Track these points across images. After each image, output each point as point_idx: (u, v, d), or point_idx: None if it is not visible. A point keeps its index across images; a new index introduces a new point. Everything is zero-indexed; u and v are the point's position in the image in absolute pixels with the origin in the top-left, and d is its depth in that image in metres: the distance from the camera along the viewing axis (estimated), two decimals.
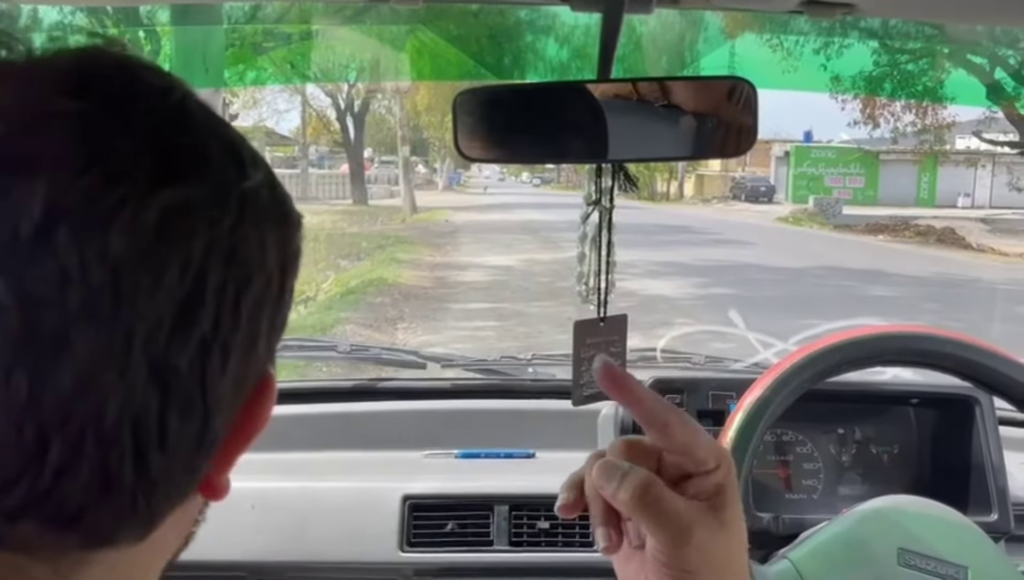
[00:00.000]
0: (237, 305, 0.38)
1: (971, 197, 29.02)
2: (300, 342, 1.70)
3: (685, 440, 0.58)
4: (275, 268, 0.42)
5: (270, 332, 0.42)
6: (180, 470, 0.39)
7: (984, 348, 1.04)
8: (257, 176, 0.41)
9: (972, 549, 1.02)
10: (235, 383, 0.40)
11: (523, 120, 0.95)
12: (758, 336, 1.73)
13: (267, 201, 0.42)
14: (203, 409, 0.38)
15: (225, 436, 0.42)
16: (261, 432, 0.45)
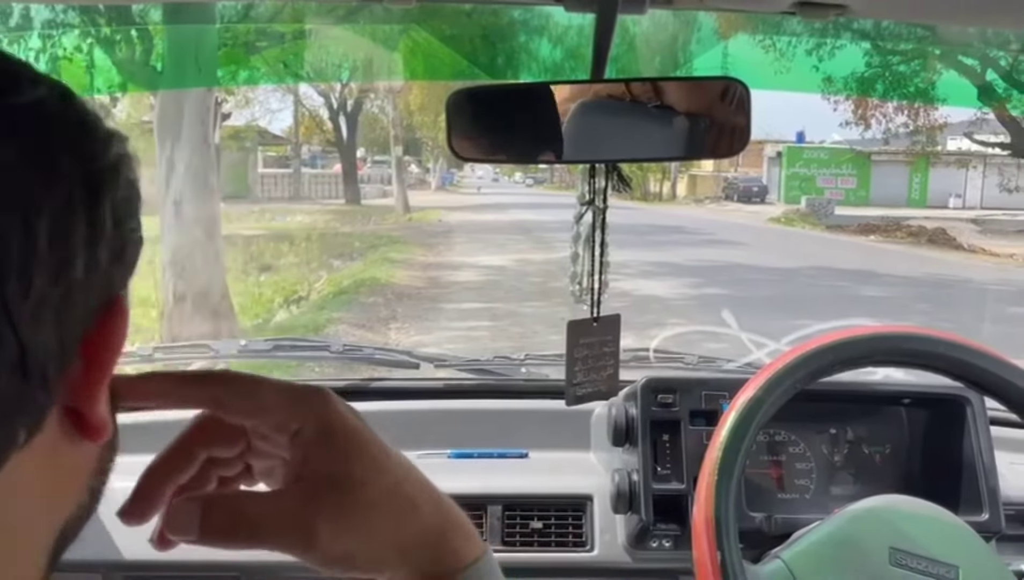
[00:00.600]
0: (27, 224, 0.37)
1: (962, 198, 29.13)
2: (293, 342, 1.69)
3: (247, 409, 0.53)
4: (76, 184, 0.40)
5: (90, 253, 0.40)
6: (8, 398, 0.38)
7: (975, 348, 1.05)
8: (39, 91, 0.40)
9: (963, 548, 1.02)
10: (54, 308, 0.39)
11: (516, 120, 0.95)
12: (751, 336, 1.73)
13: (52, 115, 0.40)
14: (12, 335, 0.37)
15: (75, 365, 0.41)
16: (117, 358, 0.43)
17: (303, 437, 0.52)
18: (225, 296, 7.42)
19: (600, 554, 1.37)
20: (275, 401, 0.52)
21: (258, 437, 0.54)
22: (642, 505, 1.29)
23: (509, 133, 0.95)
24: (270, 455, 0.55)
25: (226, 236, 9.48)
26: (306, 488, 0.51)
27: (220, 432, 0.55)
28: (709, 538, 0.97)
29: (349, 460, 0.52)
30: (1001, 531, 1.25)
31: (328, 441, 0.52)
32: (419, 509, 0.54)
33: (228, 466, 0.57)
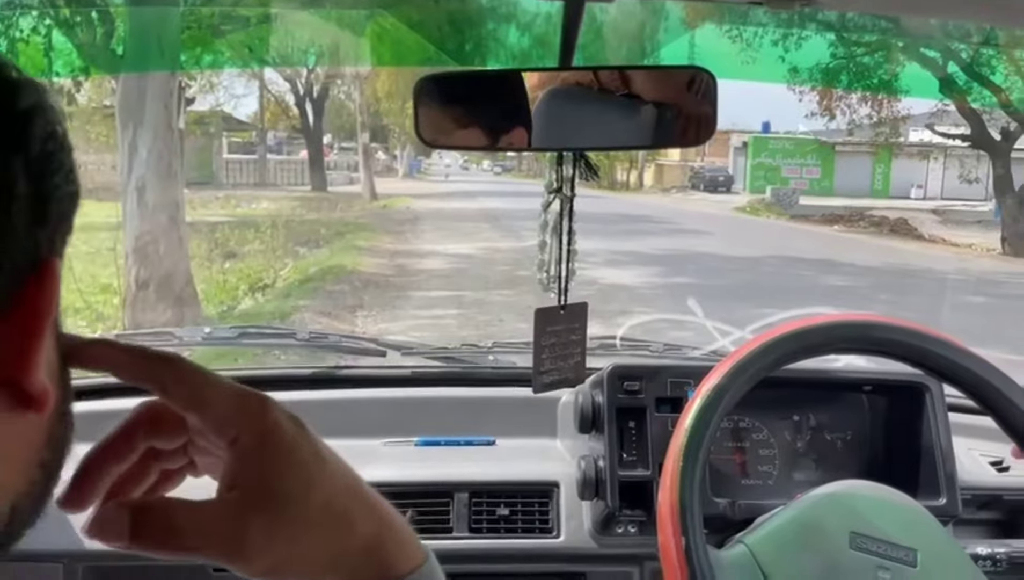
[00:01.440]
0: None
1: (924, 189, 29.54)
2: (258, 330, 1.68)
3: (190, 400, 0.51)
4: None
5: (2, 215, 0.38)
6: None
7: (934, 337, 1.07)
8: None
9: (922, 532, 1.04)
10: None
11: (484, 107, 0.95)
12: (716, 324, 1.75)
13: None
14: None
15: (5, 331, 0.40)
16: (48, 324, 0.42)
17: (240, 445, 0.51)
18: (189, 283, 7.34)
19: (566, 540, 1.38)
20: (218, 400, 0.52)
21: (197, 433, 0.54)
22: (608, 491, 1.30)
23: (477, 120, 0.94)
24: (212, 452, 0.54)
25: (190, 222, 9.37)
26: (239, 498, 0.50)
27: (162, 422, 0.54)
28: (674, 524, 0.98)
29: (284, 475, 0.51)
30: (958, 515, 1.28)
31: (264, 452, 0.51)
32: (354, 522, 0.53)
33: (171, 459, 0.56)
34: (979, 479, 1.46)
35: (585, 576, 1.41)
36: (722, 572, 0.98)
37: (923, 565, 1.01)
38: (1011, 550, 1.35)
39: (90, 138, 12.80)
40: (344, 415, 1.59)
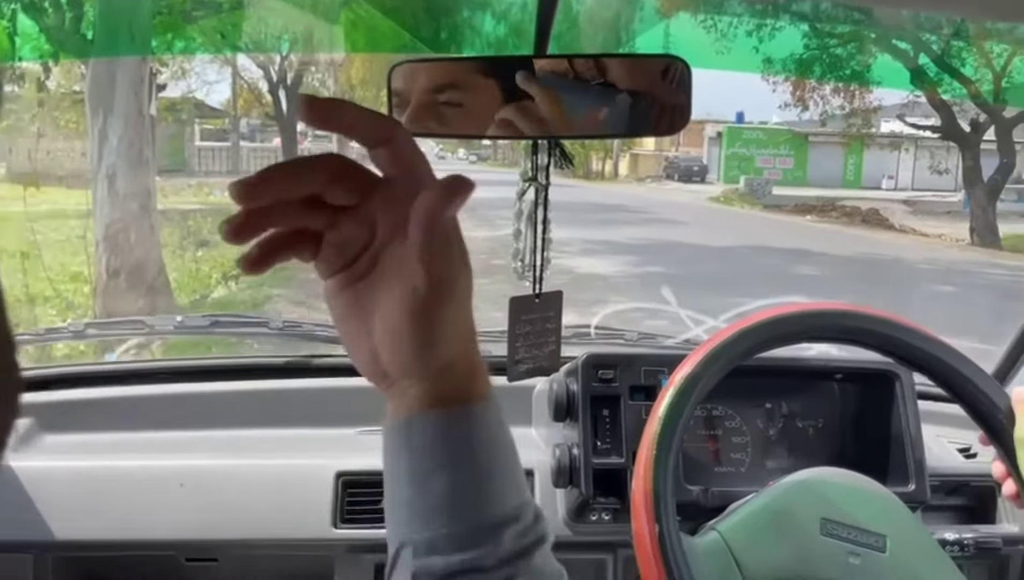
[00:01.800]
0: None
1: (895, 179, 29.83)
2: (231, 318, 1.67)
3: (406, 165, 0.53)
4: None
5: None
6: None
7: (905, 325, 1.08)
8: None
9: (891, 518, 1.06)
10: None
11: (459, 94, 0.94)
12: (689, 313, 1.76)
13: None
14: None
15: None
16: None
17: (434, 225, 0.52)
18: (161, 271, 7.26)
19: None
20: (427, 171, 0.53)
21: (386, 202, 0.54)
22: (582, 479, 1.30)
23: (451, 108, 0.94)
24: (351, 237, 0.54)
25: (162, 210, 9.25)
26: (425, 281, 0.52)
27: (345, 176, 0.53)
28: (648, 512, 0.98)
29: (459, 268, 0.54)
30: (927, 501, 1.30)
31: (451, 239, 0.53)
32: (472, 330, 0.56)
33: (317, 218, 0.54)
34: (947, 466, 1.48)
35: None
36: (695, 559, 0.98)
37: (892, 551, 1.02)
38: (978, 535, 1.38)
39: (60, 125, 12.60)
40: (319, 404, 1.59)
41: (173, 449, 1.46)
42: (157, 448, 1.46)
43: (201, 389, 1.59)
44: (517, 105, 0.93)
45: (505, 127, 0.92)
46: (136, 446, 1.47)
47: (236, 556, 1.39)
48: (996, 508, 1.49)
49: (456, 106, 0.93)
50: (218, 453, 1.43)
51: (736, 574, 1.00)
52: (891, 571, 1.02)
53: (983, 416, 1.04)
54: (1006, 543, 1.43)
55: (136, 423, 1.53)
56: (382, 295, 0.54)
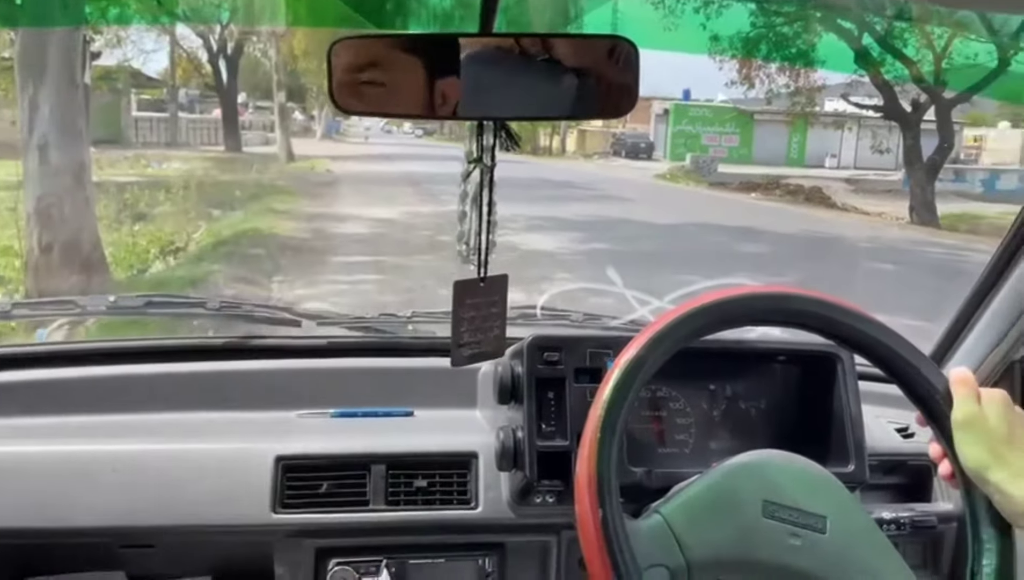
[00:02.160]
0: None
1: (837, 158, 30.34)
2: (166, 299, 1.61)
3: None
4: None
5: None
6: None
7: (846, 308, 1.08)
8: None
9: (831, 500, 1.07)
10: None
11: (401, 72, 0.92)
12: (635, 294, 1.75)
13: None
14: None
15: None
16: None
17: None
18: (96, 246, 7.07)
19: (484, 511, 1.38)
20: None
21: None
22: (527, 462, 1.29)
23: (393, 86, 0.91)
24: None
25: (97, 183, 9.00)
26: None
27: None
28: (591, 495, 0.97)
29: None
30: (866, 481, 1.32)
31: None
32: None
33: None
34: (886, 445, 1.50)
35: (504, 546, 1.41)
36: (638, 542, 0.98)
37: (832, 532, 1.03)
38: (914, 514, 1.40)
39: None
40: (258, 386, 1.55)
41: (105, 433, 1.41)
42: (89, 432, 1.41)
43: (135, 371, 1.54)
44: (462, 84, 0.90)
45: (448, 107, 0.90)
46: (66, 431, 1.42)
47: (173, 543, 1.36)
48: (931, 486, 1.53)
49: (398, 84, 0.90)
50: (153, 437, 1.39)
51: (679, 556, 1.00)
52: (831, 552, 1.03)
53: (921, 397, 1.05)
54: (941, 520, 1.46)
55: (66, 406, 1.47)
56: None
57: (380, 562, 1.35)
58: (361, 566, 1.35)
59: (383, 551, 1.36)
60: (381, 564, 1.35)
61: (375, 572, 1.35)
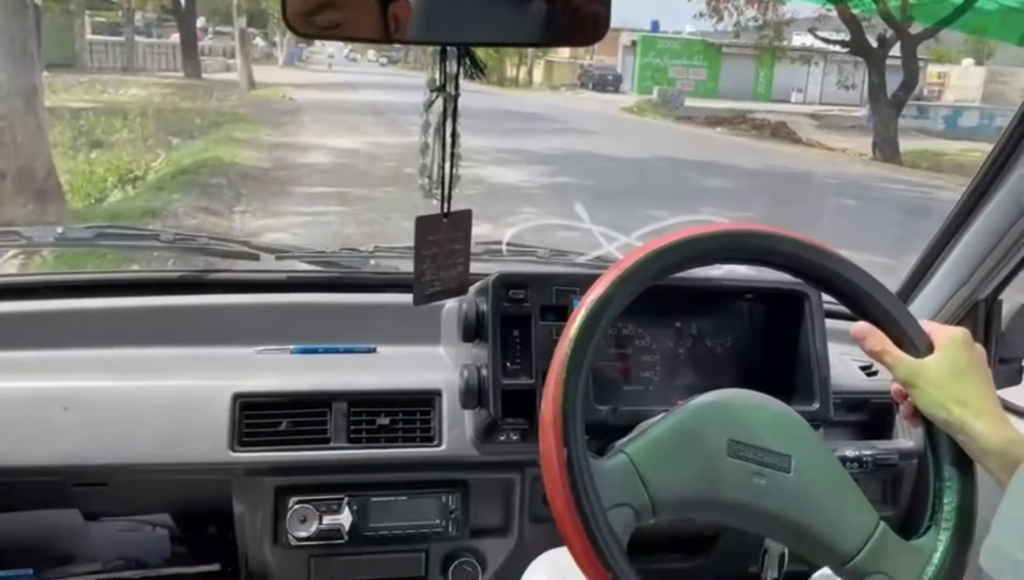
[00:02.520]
0: None
1: (804, 93, 30.34)
2: (118, 230, 1.55)
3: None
4: None
5: None
6: None
7: (814, 246, 1.06)
8: None
9: (795, 438, 1.06)
10: None
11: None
12: (602, 230, 1.73)
13: None
14: None
15: None
16: None
17: None
18: (51, 174, 6.89)
19: (448, 449, 1.36)
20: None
21: None
22: (491, 400, 1.28)
23: (351, 8, 0.86)
24: None
25: (51, 108, 8.75)
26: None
27: None
28: (556, 435, 0.96)
29: None
30: (830, 419, 1.32)
31: None
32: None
33: None
34: (850, 384, 1.51)
35: (467, 483, 1.40)
36: (602, 481, 0.97)
37: (796, 470, 1.03)
38: (876, 451, 1.41)
39: None
40: (215, 321, 1.51)
41: (56, 369, 1.36)
42: (38, 368, 1.37)
43: (87, 305, 1.49)
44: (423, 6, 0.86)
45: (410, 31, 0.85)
46: (14, 366, 1.37)
47: (127, 481, 1.33)
48: (893, 424, 1.54)
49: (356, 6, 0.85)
50: (105, 374, 1.35)
51: (643, 496, 1.00)
52: (795, 491, 1.02)
53: (886, 334, 1.05)
54: (902, 458, 1.48)
55: (14, 341, 1.42)
56: None
57: (342, 500, 1.34)
58: (322, 504, 1.33)
59: (344, 489, 1.35)
60: (343, 502, 1.34)
61: (336, 510, 1.33)
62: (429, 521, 1.38)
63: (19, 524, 1.41)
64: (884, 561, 1.00)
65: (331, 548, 1.36)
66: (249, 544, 1.37)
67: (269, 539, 1.35)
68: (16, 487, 1.33)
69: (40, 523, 1.41)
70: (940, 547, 1.01)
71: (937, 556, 1.00)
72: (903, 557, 1.01)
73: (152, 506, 1.46)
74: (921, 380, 1.00)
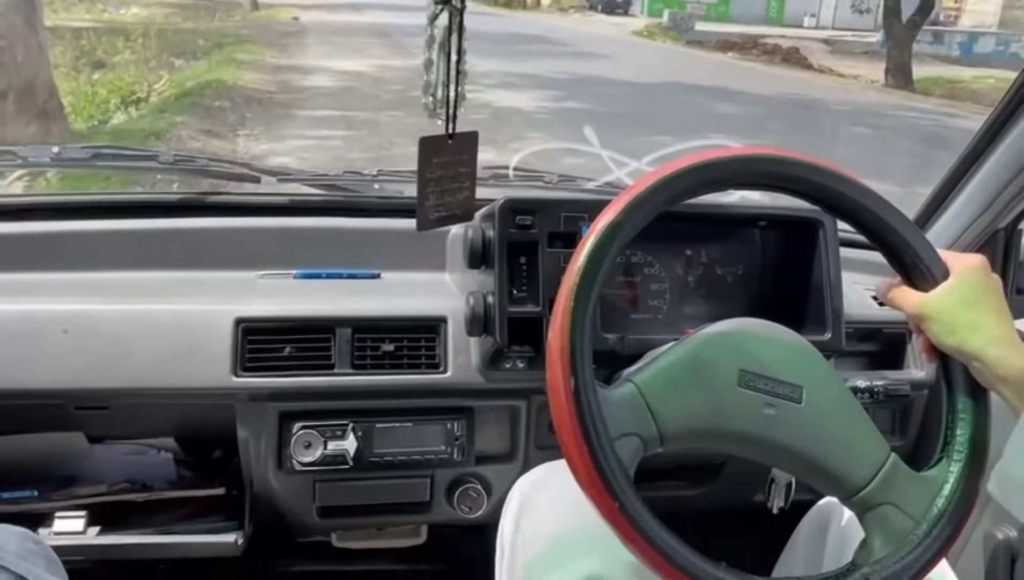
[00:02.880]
0: None
1: (816, 17, 29.69)
2: (115, 151, 1.51)
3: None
4: None
5: None
6: None
7: (832, 171, 1.03)
8: None
9: (807, 369, 1.04)
10: None
11: None
12: (612, 155, 1.68)
13: None
14: None
15: None
16: None
17: None
18: (53, 95, 6.81)
19: (453, 375, 1.35)
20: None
21: None
22: (497, 328, 1.26)
23: None
24: None
25: (50, 27, 8.59)
26: None
27: None
28: (563, 364, 0.94)
29: None
30: (841, 349, 1.29)
31: None
32: None
33: None
34: (862, 313, 1.48)
35: (472, 410, 1.39)
36: (610, 410, 0.96)
37: (807, 401, 1.01)
38: (888, 382, 1.40)
39: None
40: (217, 245, 1.49)
41: (56, 292, 1.34)
42: (38, 291, 1.35)
43: (86, 227, 1.46)
44: None
45: None
46: (14, 288, 1.35)
47: (129, 405, 1.32)
48: (905, 354, 1.52)
49: None
50: (106, 297, 1.33)
51: (651, 425, 0.98)
52: (805, 421, 1.01)
53: (904, 264, 1.03)
54: (913, 388, 1.46)
55: (12, 263, 1.40)
56: None
57: (346, 426, 1.33)
58: (327, 430, 1.33)
59: (349, 415, 1.34)
60: (347, 428, 1.33)
61: (341, 436, 1.33)
62: (434, 447, 1.38)
63: (23, 446, 1.40)
64: (894, 492, 0.99)
65: (336, 473, 1.36)
66: (254, 469, 1.37)
67: (274, 464, 1.35)
68: (19, 410, 1.32)
69: (44, 445, 1.41)
70: (951, 478, 1.00)
71: (948, 487, 0.99)
72: (913, 488, 1.00)
73: (156, 430, 1.45)
74: (933, 311, 0.98)
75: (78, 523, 1.33)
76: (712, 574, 0.93)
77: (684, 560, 0.92)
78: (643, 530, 0.91)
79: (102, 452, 1.45)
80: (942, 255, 1.02)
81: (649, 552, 0.91)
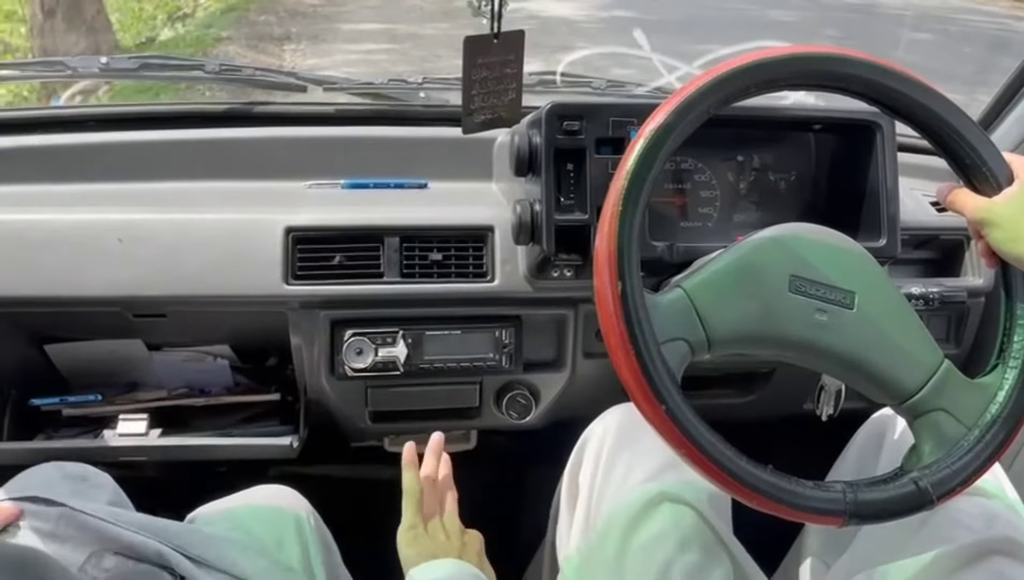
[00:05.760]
0: None
1: None
2: (161, 60, 1.51)
3: None
4: None
5: None
6: None
7: (896, 71, 0.99)
8: None
9: (860, 274, 1.02)
10: None
11: None
12: (662, 58, 1.64)
13: None
14: None
15: None
16: None
17: None
18: (100, 11, 6.82)
19: (501, 284, 1.35)
20: None
21: None
22: (544, 236, 1.25)
23: None
24: None
25: None
26: None
27: None
28: (611, 269, 0.93)
29: None
30: (896, 256, 1.27)
31: None
32: None
33: None
34: (919, 219, 1.44)
35: (520, 318, 1.40)
36: (657, 315, 0.95)
37: (860, 307, 1.00)
38: (943, 289, 1.37)
39: None
40: (263, 155, 1.49)
41: (109, 202, 1.37)
42: (91, 201, 1.37)
43: (135, 138, 1.48)
44: None
45: None
46: (68, 199, 1.38)
47: (184, 312, 1.35)
48: (963, 261, 1.48)
49: None
50: (157, 206, 1.35)
51: (700, 331, 0.98)
52: (857, 327, 0.99)
53: (966, 169, 0.99)
54: (970, 296, 1.43)
55: (65, 174, 1.42)
56: None
57: (396, 333, 1.35)
58: (377, 337, 1.35)
59: (399, 322, 1.36)
60: (397, 335, 1.35)
61: (391, 342, 1.35)
62: (483, 355, 1.39)
63: (85, 352, 1.45)
64: (946, 398, 0.98)
65: (387, 379, 1.38)
66: (307, 375, 1.40)
67: (326, 370, 1.38)
68: (81, 317, 1.36)
69: (106, 352, 1.45)
70: (1006, 385, 0.98)
71: (1002, 394, 0.98)
72: (966, 394, 0.99)
73: (213, 338, 1.49)
74: (996, 216, 0.95)
75: (140, 425, 1.38)
76: (758, 476, 0.93)
77: (730, 462, 0.93)
78: (689, 433, 0.92)
79: (161, 359, 1.49)
80: (1007, 158, 0.98)
81: (695, 454, 0.92)
